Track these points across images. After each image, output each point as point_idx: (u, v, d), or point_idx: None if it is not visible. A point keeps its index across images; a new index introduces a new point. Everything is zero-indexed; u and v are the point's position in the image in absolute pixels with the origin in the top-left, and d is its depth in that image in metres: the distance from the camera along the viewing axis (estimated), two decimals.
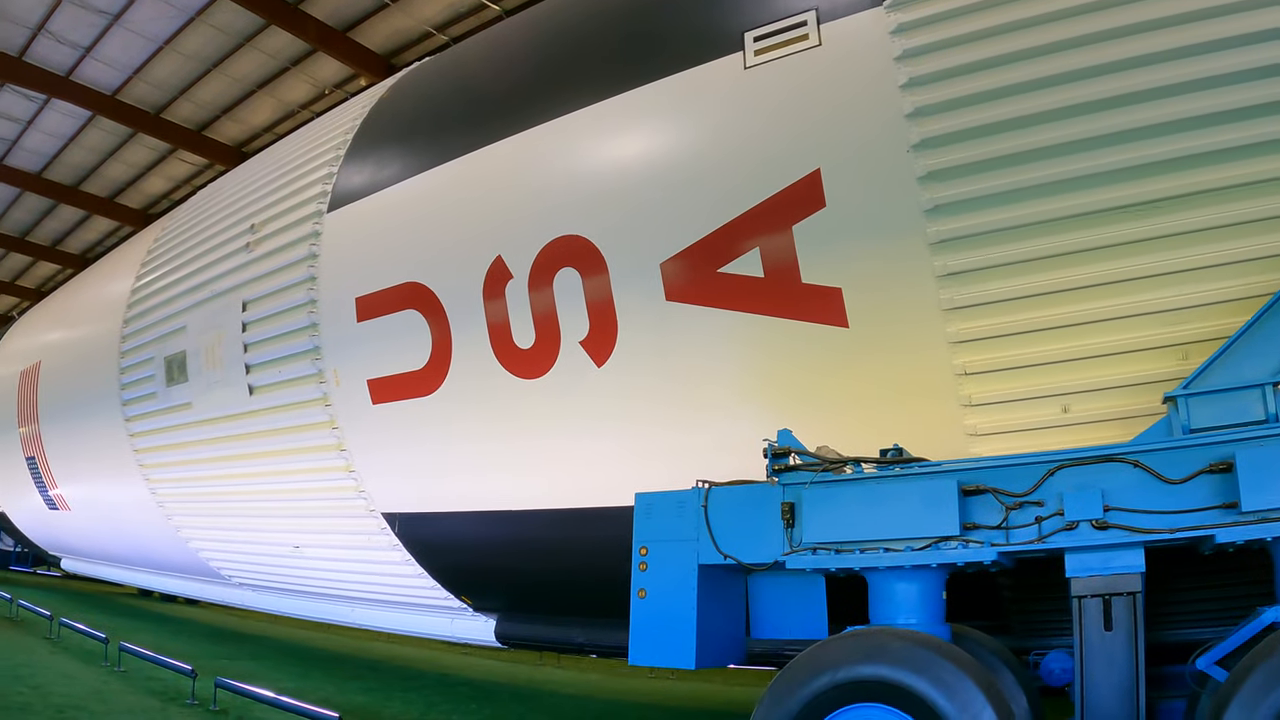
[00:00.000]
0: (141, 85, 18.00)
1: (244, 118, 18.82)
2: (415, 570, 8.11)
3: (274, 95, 17.90)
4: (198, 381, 9.69)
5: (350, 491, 8.08)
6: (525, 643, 8.18)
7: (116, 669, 9.63)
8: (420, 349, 7.01)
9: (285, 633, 14.95)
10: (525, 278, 6.28)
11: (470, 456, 7.05)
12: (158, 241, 12.14)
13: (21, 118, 20.10)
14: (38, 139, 20.92)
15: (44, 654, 10.55)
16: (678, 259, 5.56)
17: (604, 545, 6.04)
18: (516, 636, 8.04)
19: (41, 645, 11.33)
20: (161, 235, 12.16)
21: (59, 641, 11.68)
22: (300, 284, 8.11)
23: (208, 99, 18.27)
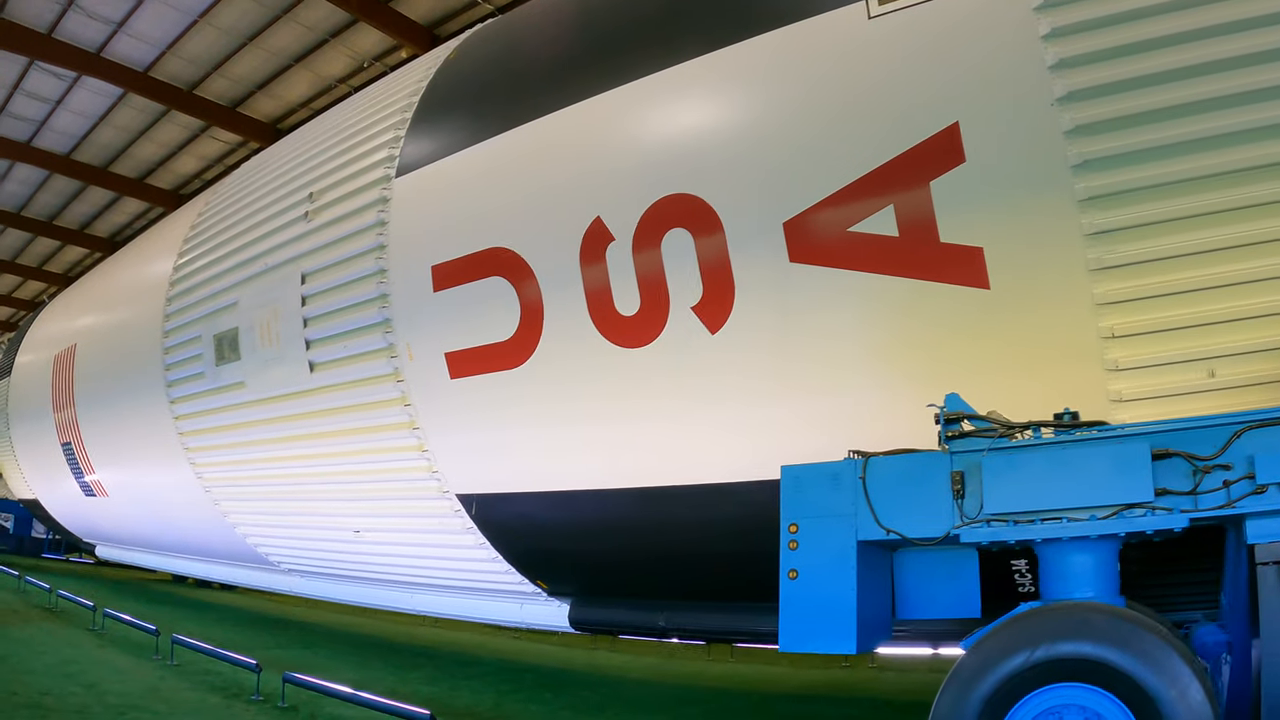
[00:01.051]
0: (175, 61, 17.57)
1: (280, 93, 18.35)
2: (489, 554, 7.67)
3: (311, 69, 17.43)
4: (251, 360, 9.24)
5: (422, 472, 7.62)
6: (600, 627, 7.85)
7: (169, 663, 9.24)
8: (507, 319, 6.56)
9: (327, 618, 14.62)
10: (629, 240, 5.85)
11: (561, 432, 6.59)
12: (201, 216, 11.70)
13: (50, 97, 19.74)
14: (67, 119, 20.55)
15: (91, 648, 10.20)
16: (803, 218, 5.21)
17: (709, 524, 5.89)
18: (592, 621, 7.67)
19: (87, 638, 10.98)
20: (205, 210, 11.73)
21: (104, 634, 11.33)
22: (368, 253, 7.63)
23: (243, 74, 17.82)
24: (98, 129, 20.64)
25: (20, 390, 18.49)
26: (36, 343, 18.35)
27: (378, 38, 16.31)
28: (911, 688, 9.15)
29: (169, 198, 22.84)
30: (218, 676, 8.50)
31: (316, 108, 17.87)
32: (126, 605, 14.00)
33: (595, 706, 8.21)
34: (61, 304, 18.86)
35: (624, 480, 6.38)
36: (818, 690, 9.24)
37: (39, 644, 10.15)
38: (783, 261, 5.26)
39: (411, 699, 7.44)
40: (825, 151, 5.17)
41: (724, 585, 6.57)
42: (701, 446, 5.92)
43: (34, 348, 18.36)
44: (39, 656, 9.20)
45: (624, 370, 6.03)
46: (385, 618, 13.95)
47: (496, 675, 9.65)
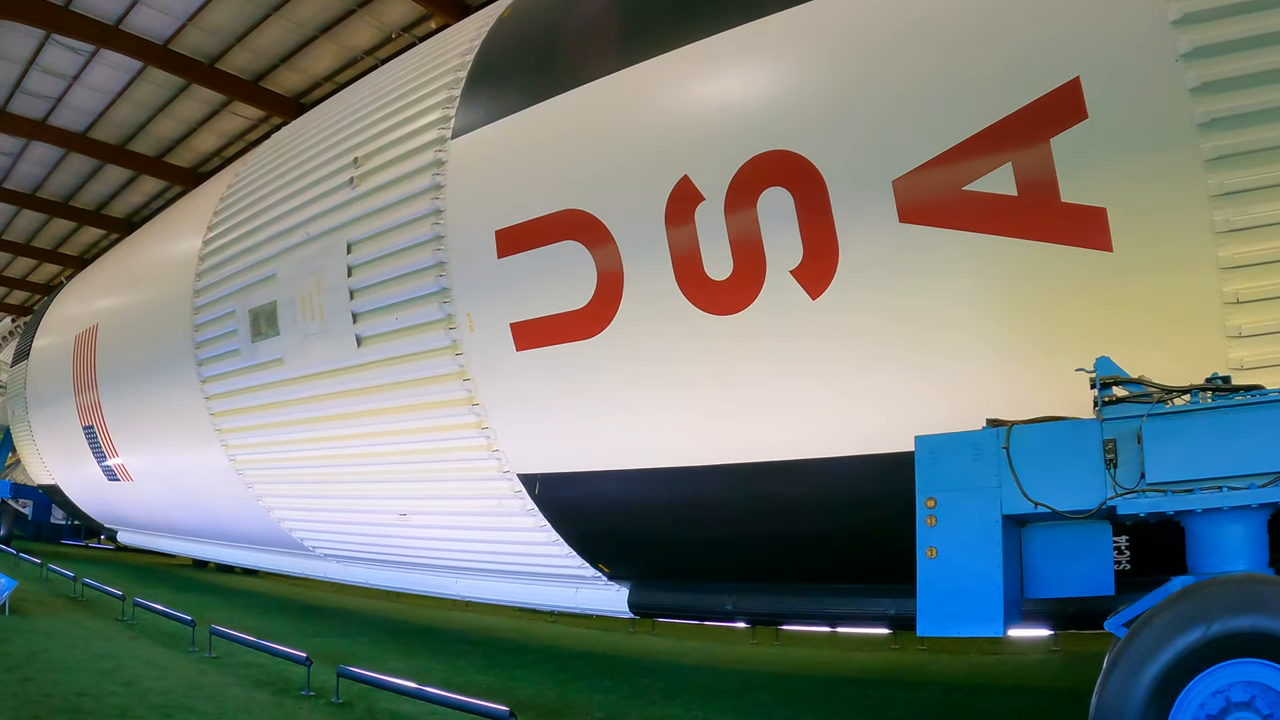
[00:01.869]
0: (196, 33, 17.04)
1: (303, 66, 17.82)
2: (549, 537, 7.27)
3: (336, 41, 16.89)
4: (291, 335, 8.80)
5: (481, 451, 7.18)
6: (662, 612, 7.60)
7: (207, 655, 8.83)
8: (581, 285, 6.13)
9: (355, 603, 14.27)
10: (720, 199, 5.46)
11: (641, 406, 6.16)
12: (232, 188, 11.24)
13: (67, 73, 19.23)
14: (83, 95, 20.05)
15: (123, 640, 9.81)
16: (915, 175, 4.89)
17: (803, 501, 5.61)
18: (654, 606, 7.36)
19: (117, 630, 10.59)
20: (236, 182, 11.27)
21: (135, 624, 10.93)
22: (423, 219, 7.18)
23: (265, 46, 17.29)
24: (115, 105, 20.14)
25: (39, 373, 18.09)
26: (56, 325, 17.95)
27: (406, 7, 15.78)
28: (973, 671, 8.89)
29: (187, 176, 22.37)
30: (259, 669, 8.08)
31: (341, 81, 17.35)
32: (152, 592, 13.63)
33: (662, 694, 7.80)
34: (81, 284, 18.45)
35: (709, 456, 5.97)
36: (876, 674, 8.92)
37: (68, 637, 9.77)
38: (891, 221, 4.96)
39: (468, 690, 7.05)
40: (938, 106, 4.87)
41: (806, 565, 6.25)
42: (799, 419, 5.55)
43: (53, 330, 17.95)
44: (70, 651, 8.81)
45: (714, 338, 5.65)
46: (414, 602, 13.62)
47: (547, 662, 9.27)
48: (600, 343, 6.13)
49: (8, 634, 9.57)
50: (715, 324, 5.60)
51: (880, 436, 5.17)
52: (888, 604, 5.86)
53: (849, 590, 6.14)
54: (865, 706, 7.44)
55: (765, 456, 5.72)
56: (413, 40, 15.57)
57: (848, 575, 6.10)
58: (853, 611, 6.23)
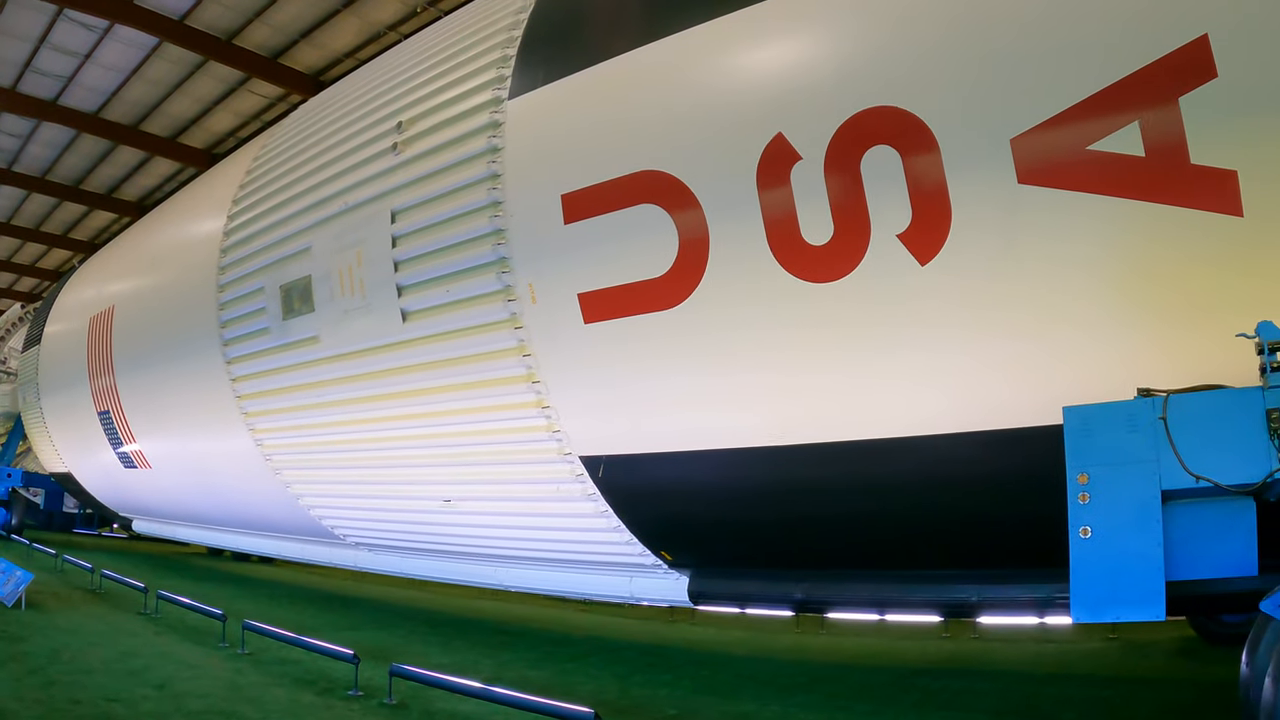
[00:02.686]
0: (214, 8, 16.57)
1: (324, 42, 17.32)
2: (610, 523, 6.82)
3: (359, 15, 16.39)
4: (327, 311, 8.31)
5: (540, 432, 6.71)
6: (724, 601, 7.26)
7: (239, 651, 8.36)
8: (661, 252, 5.66)
9: (383, 592, 13.82)
10: (819, 159, 5.04)
11: (724, 381, 5.71)
12: (258, 161, 10.74)
13: (79, 50, 18.78)
14: (95, 74, 19.60)
15: (148, 636, 9.34)
16: (1035, 134, 4.54)
17: (908, 482, 5.29)
18: (716, 595, 6.95)
19: (141, 625, 10.11)
20: (262, 154, 10.76)
21: (159, 618, 10.47)
22: (478, 184, 6.69)
23: (285, 21, 16.80)
24: (129, 84, 19.69)
25: (52, 358, 17.63)
26: (69, 308, 17.48)
27: None
28: (1037, 659, 8.47)
29: (202, 157, 21.91)
30: (297, 667, 7.61)
31: (363, 57, 16.86)
32: (170, 583, 13.23)
33: (728, 688, 7.39)
34: (95, 267, 17.95)
35: (804, 435, 5.52)
36: (943, 664, 8.52)
37: (90, 634, 9.30)
38: (1009, 182, 4.60)
39: (522, 685, 6.62)
40: (1060, 60, 4.52)
41: (897, 550, 5.88)
42: (904, 394, 5.14)
43: (66, 313, 17.48)
44: (94, 649, 8.33)
45: (811, 308, 5.22)
46: (440, 590, 13.26)
47: (596, 655, 8.84)
48: (681, 313, 5.67)
49: (26, 631, 9.11)
50: (812, 291, 5.19)
51: (994, 411, 4.84)
52: (970, 591, 5.59)
53: (930, 576, 5.85)
54: (948, 699, 7.04)
55: (866, 434, 5.31)
56: (437, 14, 15.04)
57: (938, 560, 5.78)
58: (933, 599, 5.89)
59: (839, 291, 5.08)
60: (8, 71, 19.63)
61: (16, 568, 11.56)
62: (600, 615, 11.59)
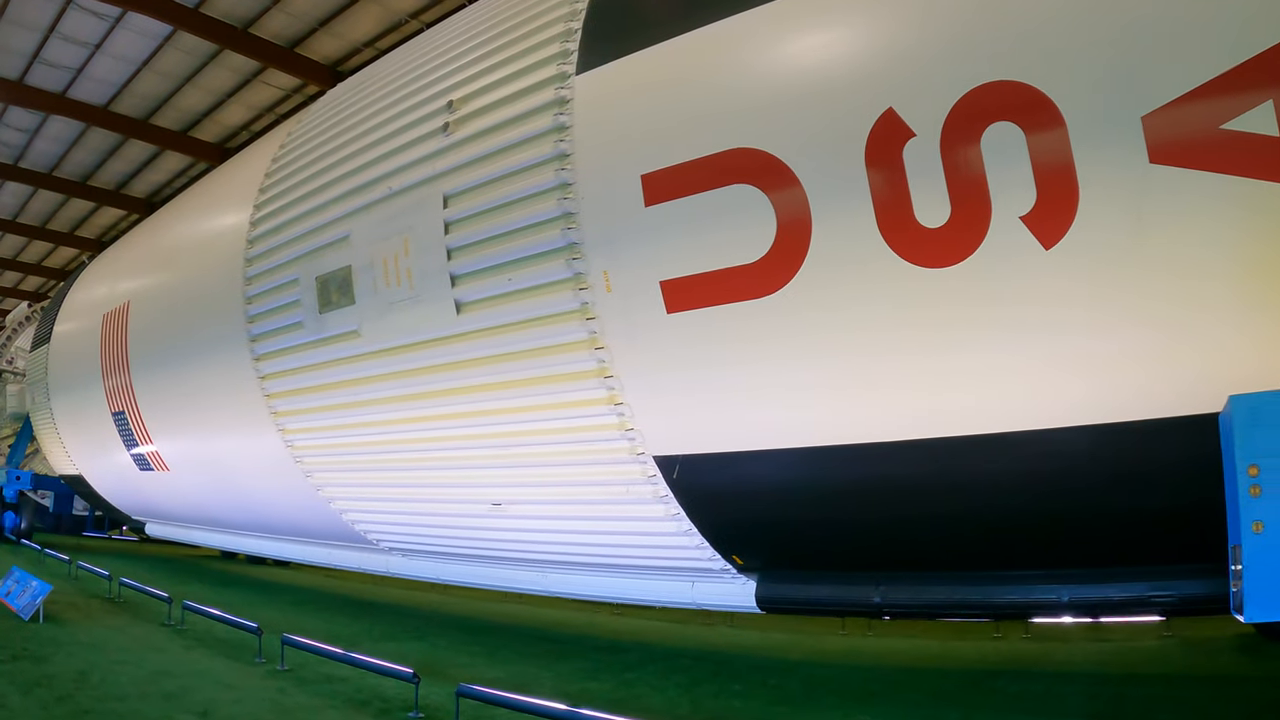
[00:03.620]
0: None
1: (343, 31, 16.84)
2: (681, 526, 6.40)
3: (379, 3, 15.94)
4: (370, 303, 7.82)
5: (612, 431, 6.25)
6: (794, 606, 6.88)
7: (279, 668, 7.87)
8: (756, 235, 5.24)
9: (407, 596, 13.39)
10: (935, 135, 4.69)
11: (824, 373, 5.28)
12: (285, 149, 10.24)
13: (90, 40, 18.29)
14: (106, 65, 19.11)
15: (177, 652, 8.85)
16: (1168, 111, 4.25)
17: (1031, 478, 4.99)
18: (786, 600, 6.58)
19: (167, 639, 9.62)
20: (289, 141, 10.26)
21: (185, 630, 9.96)
22: (544, 165, 6.23)
23: (304, 9, 16.34)
24: (140, 76, 19.20)
25: (62, 358, 17.12)
26: (80, 305, 16.98)
27: None
28: (1105, 659, 8.19)
29: (213, 151, 21.42)
30: (344, 684, 7.13)
31: (382, 47, 16.39)
32: (188, 590, 12.75)
33: (804, 697, 7.03)
34: (106, 262, 17.45)
35: (908, 430, 5.14)
36: (1009, 665, 8.24)
37: (116, 649, 8.81)
38: (1140, 162, 4.32)
39: (590, 700, 6.30)
40: (1194, 35, 4.24)
41: (1012, 550, 5.50)
42: (1026, 385, 4.79)
43: (77, 310, 16.99)
44: (122, 668, 7.84)
45: (924, 293, 4.83)
46: (465, 594, 12.89)
47: (653, 664, 8.41)
48: (778, 301, 5.25)
49: (47, 648, 8.64)
50: (926, 277, 4.81)
51: (1121, 403, 4.57)
52: (1062, 591, 5.35)
53: (1004, 577, 5.59)
54: (1033, 703, 6.73)
55: (981, 429, 4.93)
56: (462, 2, 14.53)
57: (1042, 561, 5.46)
58: (1019, 600, 5.62)
59: (956, 277, 4.73)
60: (15, 63, 19.15)
61: (33, 578, 11.07)
62: (635, 619, 11.19)
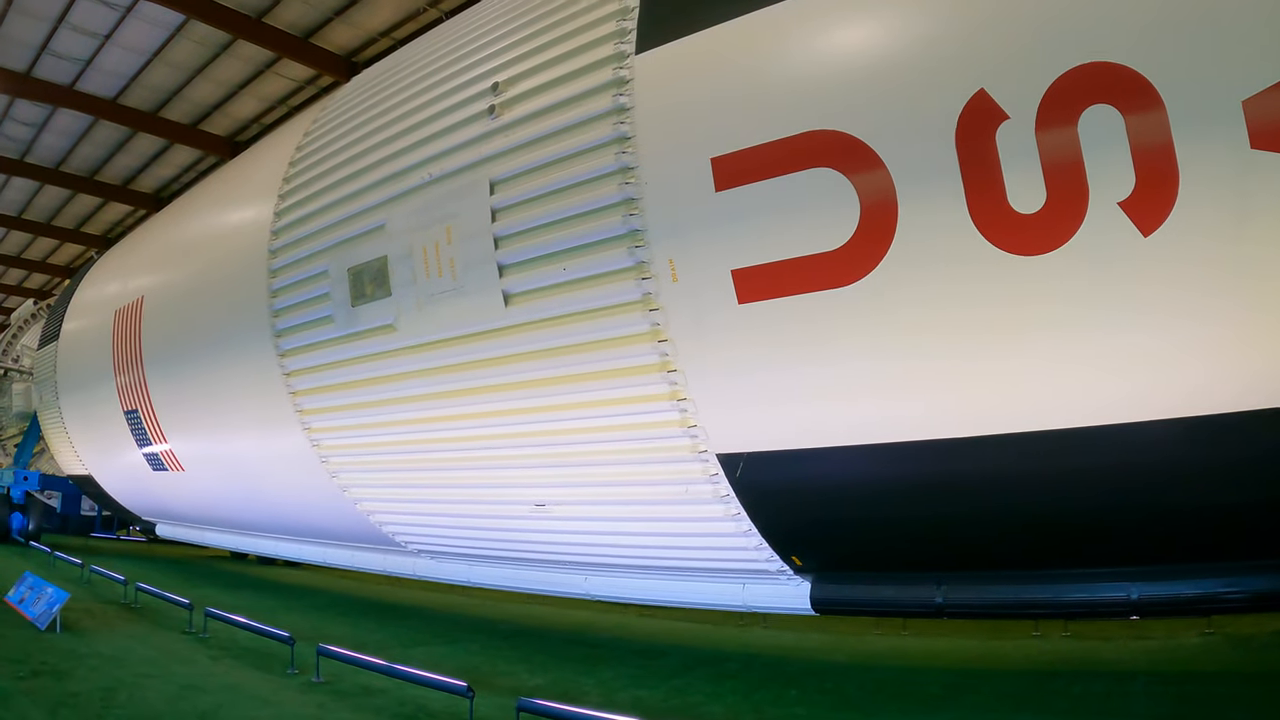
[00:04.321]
0: None
1: (359, 20, 16.58)
2: (740, 526, 6.14)
3: None
4: (408, 295, 7.53)
5: (673, 428, 5.99)
6: (850, 607, 6.69)
7: (314, 680, 7.56)
8: (837, 221, 5.00)
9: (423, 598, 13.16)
10: (1030, 118, 4.54)
11: (907, 366, 5.06)
12: (309, 137, 9.92)
13: (100, 30, 18.04)
14: (116, 57, 18.85)
15: (204, 663, 8.50)
16: (1268, 95, 4.08)
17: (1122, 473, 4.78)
18: (844, 601, 6.37)
19: (191, 649, 9.28)
20: (314, 129, 9.94)
21: (207, 639, 9.66)
22: (603, 148, 5.98)
23: None
24: (150, 67, 18.94)
25: (71, 355, 16.83)
26: (89, 301, 16.70)
27: None
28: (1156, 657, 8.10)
29: (223, 145, 21.14)
30: (384, 697, 6.85)
31: (399, 37, 16.12)
32: (203, 593, 12.49)
33: (866, 701, 6.85)
34: (117, 257, 17.16)
35: (1002, 425, 4.91)
36: (1061, 665, 8.08)
37: (140, 661, 8.42)
38: (1242, 148, 4.17)
39: (644, 710, 6.02)
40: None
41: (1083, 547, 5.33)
42: (1123, 376, 4.60)
43: (87, 307, 16.71)
44: (151, 683, 7.46)
45: (1018, 283, 4.65)
46: (481, 595, 12.64)
47: (700, 668, 8.15)
48: (860, 291, 5.01)
49: (68, 662, 8.21)
50: (1020, 266, 4.62)
51: (1225, 396, 4.39)
52: (1131, 589, 5.17)
53: (1085, 575, 5.40)
54: (1099, 703, 6.59)
55: (1073, 423, 4.75)
56: None
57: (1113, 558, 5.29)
58: (1087, 599, 5.42)
59: (1052, 265, 4.55)
60: (23, 54, 18.88)
61: (48, 584, 10.73)
62: (663, 620, 10.95)
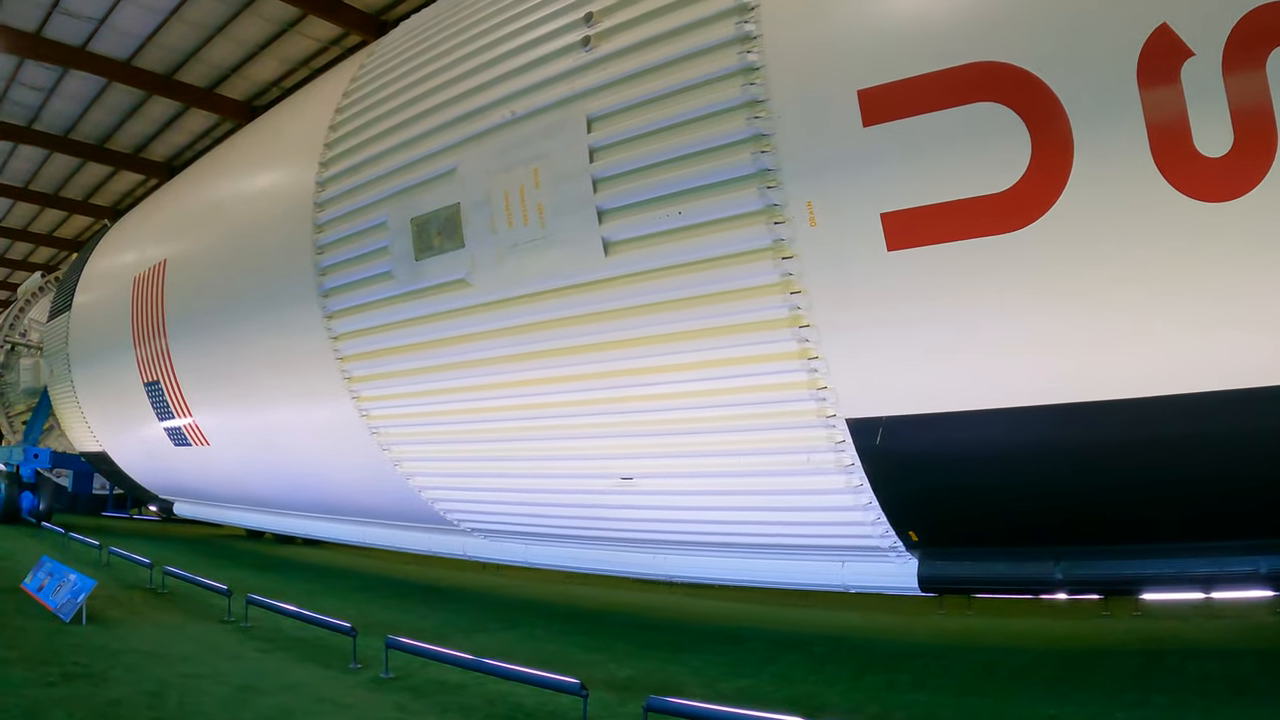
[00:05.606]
0: None
1: None
2: (861, 500, 5.78)
3: None
4: (484, 246, 7.03)
5: (799, 390, 5.63)
6: (961, 585, 6.50)
7: (383, 675, 7.14)
8: (1004, 161, 4.67)
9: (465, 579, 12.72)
10: (1216, 55, 4.29)
11: (1079, 321, 4.72)
12: (357, 82, 9.31)
13: None
14: (131, 15, 18.36)
15: (253, 656, 7.89)
16: None
17: None
18: (956, 579, 6.10)
19: (234, 640, 8.65)
20: (365, 71, 9.33)
21: (249, 628, 9.14)
22: (728, 79, 5.54)
23: None
24: (167, 26, 18.42)
25: (85, 326, 16.37)
26: (104, 269, 16.25)
27: None
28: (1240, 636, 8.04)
29: (241, 109, 20.62)
30: (463, 693, 6.46)
31: None
32: (228, 574, 12.05)
33: (987, 686, 6.70)
34: (134, 223, 16.67)
35: (1181, 384, 4.60)
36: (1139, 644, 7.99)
37: (183, 658, 7.70)
38: None
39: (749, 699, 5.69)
40: None
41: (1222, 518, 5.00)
42: None
43: (102, 275, 16.26)
44: (202, 684, 6.78)
45: (1204, 231, 4.37)
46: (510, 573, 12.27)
47: (795, 655, 7.87)
48: (1029, 237, 4.66)
49: (101, 661, 7.39)
50: (1204, 213, 4.35)
51: None
52: (1259, 562, 4.98)
53: (1212, 549, 5.16)
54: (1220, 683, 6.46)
55: (1261, 381, 4.45)
56: None
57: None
58: (1213, 573, 5.24)
59: (1239, 211, 4.27)
60: (33, 14, 18.35)
61: (70, 570, 10.13)
62: (711, 600, 10.61)
